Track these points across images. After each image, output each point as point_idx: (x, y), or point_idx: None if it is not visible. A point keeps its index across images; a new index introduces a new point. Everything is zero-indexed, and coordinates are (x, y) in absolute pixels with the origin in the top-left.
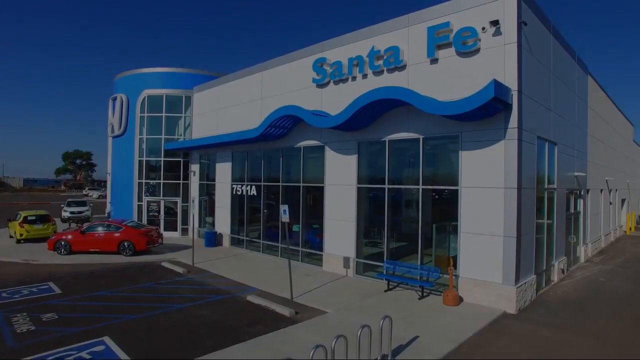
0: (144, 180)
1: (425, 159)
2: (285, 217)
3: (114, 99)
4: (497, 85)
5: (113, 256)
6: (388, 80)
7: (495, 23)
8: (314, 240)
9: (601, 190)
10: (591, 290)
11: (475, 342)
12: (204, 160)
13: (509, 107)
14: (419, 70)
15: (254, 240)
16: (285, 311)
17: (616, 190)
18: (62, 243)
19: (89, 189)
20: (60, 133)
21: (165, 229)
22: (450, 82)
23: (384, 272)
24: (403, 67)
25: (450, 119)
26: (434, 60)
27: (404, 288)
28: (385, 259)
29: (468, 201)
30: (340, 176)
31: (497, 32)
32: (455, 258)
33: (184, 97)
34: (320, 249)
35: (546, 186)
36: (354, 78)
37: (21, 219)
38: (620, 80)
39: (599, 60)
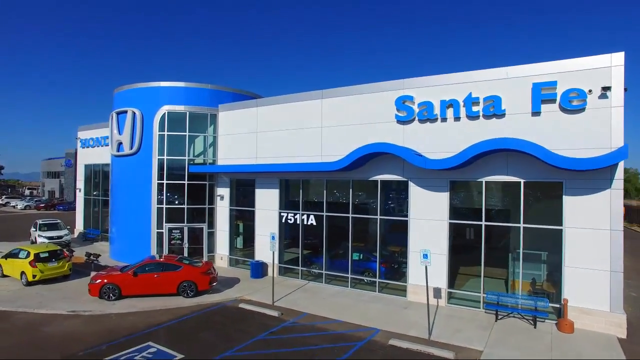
0: (164, 206)
1: (526, 201)
2: (426, 261)
3: (121, 114)
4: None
5: (172, 299)
6: (484, 125)
7: (606, 89)
8: (380, 269)
9: None
10: None
11: None
12: (234, 185)
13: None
14: (518, 119)
15: (313, 270)
16: (447, 354)
17: None
18: (110, 287)
19: (6, 197)
20: None
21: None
22: (551, 134)
23: (482, 301)
24: (502, 116)
25: (556, 168)
26: (536, 113)
27: (512, 317)
28: (483, 290)
29: (572, 240)
30: (429, 211)
31: (603, 96)
32: (534, 283)
33: (209, 115)
34: (386, 277)
35: None
36: (444, 119)
37: (31, 257)
38: None
39: None
